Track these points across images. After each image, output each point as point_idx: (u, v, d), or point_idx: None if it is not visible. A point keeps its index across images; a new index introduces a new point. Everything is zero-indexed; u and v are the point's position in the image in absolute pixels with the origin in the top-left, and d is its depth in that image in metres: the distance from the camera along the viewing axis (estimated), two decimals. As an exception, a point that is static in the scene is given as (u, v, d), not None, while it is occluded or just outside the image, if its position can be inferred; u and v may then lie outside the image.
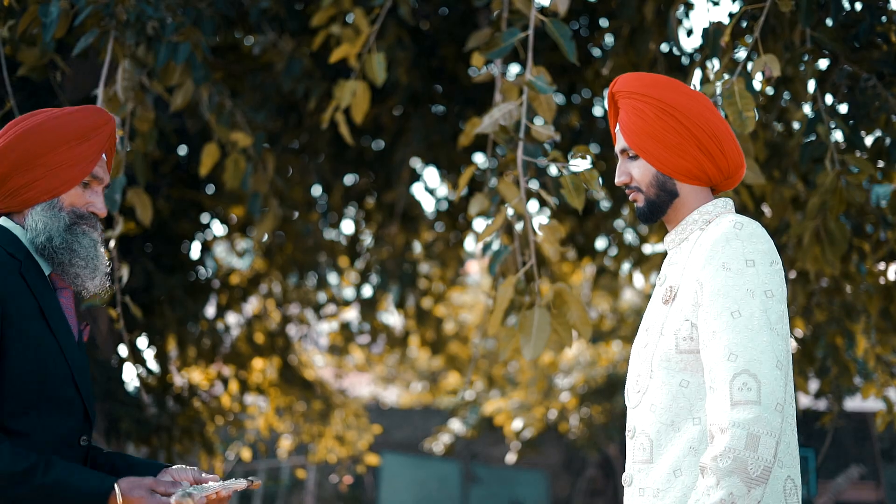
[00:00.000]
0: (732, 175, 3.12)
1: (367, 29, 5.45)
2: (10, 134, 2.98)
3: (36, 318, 2.89)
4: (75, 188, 3.01)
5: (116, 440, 6.63)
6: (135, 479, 2.86)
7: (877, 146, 5.13)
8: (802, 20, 4.62)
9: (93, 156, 3.02)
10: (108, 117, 3.08)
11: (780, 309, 2.82)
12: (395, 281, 9.33)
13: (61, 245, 2.97)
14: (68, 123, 2.99)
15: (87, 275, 3.02)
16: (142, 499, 2.82)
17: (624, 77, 3.18)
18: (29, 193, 2.97)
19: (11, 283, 2.86)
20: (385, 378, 19.88)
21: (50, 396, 2.89)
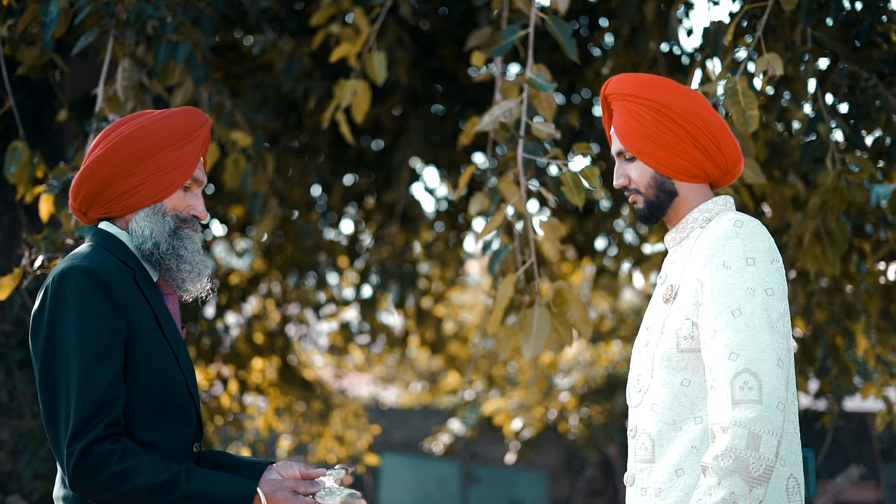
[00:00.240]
0: (731, 170, 3.11)
1: (367, 28, 5.44)
2: (110, 139, 2.95)
3: (153, 327, 2.87)
4: (177, 192, 2.98)
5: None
6: (276, 481, 2.86)
7: (877, 146, 5.13)
8: (803, 19, 4.62)
9: (193, 158, 2.99)
10: (204, 118, 3.05)
11: (780, 307, 2.82)
12: (395, 281, 9.32)
13: (168, 251, 2.94)
14: (168, 127, 2.95)
15: (193, 279, 3.00)
16: (286, 500, 2.82)
17: (616, 79, 3.17)
18: (131, 199, 2.94)
19: (131, 294, 2.84)
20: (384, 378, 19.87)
21: (170, 405, 2.88)
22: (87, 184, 2.95)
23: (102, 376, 2.72)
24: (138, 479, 2.70)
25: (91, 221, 3.04)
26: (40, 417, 5.94)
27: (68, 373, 2.71)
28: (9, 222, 6.23)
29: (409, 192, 8.65)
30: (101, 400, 2.70)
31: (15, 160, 4.97)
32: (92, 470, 2.68)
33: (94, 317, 2.74)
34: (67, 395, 2.70)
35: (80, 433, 2.68)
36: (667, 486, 2.91)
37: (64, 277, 2.77)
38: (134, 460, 2.71)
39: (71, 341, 2.72)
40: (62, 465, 2.71)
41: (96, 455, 2.68)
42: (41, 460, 5.93)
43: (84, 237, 3.00)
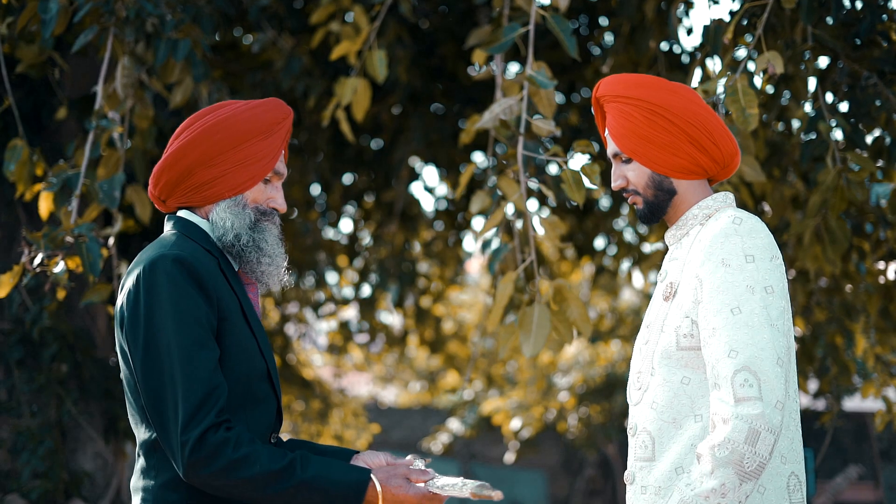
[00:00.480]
0: (728, 164, 3.10)
1: (367, 26, 5.44)
2: (194, 128, 2.93)
3: (238, 315, 2.86)
4: (258, 184, 2.96)
5: (115, 439, 6.62)
6: (389, 468, 2.85)
7: (877, 145, 5.13)
8: (804, 17, 4.62)
9: (276, 151, 2.97)
10: (288, 111, 3.03)
11: (780, 304, 2.82)
12: (394, 280, 9.32)
13: (248, 243, 2.93)
14: (252, 118, 2.93)
15: (272, 272, 3.00)
16: (399, 487, 2.80)
17: (606, 81, 3.16)
18: (213, 189, 2.92)
19: (218, 282, 2.83)
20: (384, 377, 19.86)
21: (253, 394, 2.86)
22: (168, 172, 2.93)
23: (206, 362, 2.71)
24: (255, 466, 2.69)
25: (169, 209, 3.03)
26: (39, 416, 5.97)
27: (171, 361, 2.69)
28: (8, 220, 6.24)
29: (408, 191, 8.65)
30: (208, 385, 2.69)
31: (14, 158, 4.97)
32: (208, 458, 2.66)
33: (188, 303, 2.73)
34: (173, 383, 2.68)
35: (193, 421, 2.66)
36: (667, 485, 2.91)
37: (154, 266, 2.76)
38: (250, 448, 2.70)
39: (169, 329, 2.70)
40: (175, 455, 2.69)
41: (212, 443, 2.66)
42: (40, 459, 5.93)
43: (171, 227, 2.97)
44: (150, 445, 2.82)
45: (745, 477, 2.69)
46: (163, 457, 2.79)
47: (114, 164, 5.00)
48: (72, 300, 6.13)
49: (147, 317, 2.73)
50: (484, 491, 2.74)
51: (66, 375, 6.14)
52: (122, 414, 6.55)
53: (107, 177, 4.91)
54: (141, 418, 2.84)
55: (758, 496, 2.83)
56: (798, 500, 2.89)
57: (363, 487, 2.77)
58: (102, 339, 6.62)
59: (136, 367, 2.75)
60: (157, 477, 2.81)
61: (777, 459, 2.87)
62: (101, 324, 6.59)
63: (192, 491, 2.78)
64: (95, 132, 4.79)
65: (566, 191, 4.32)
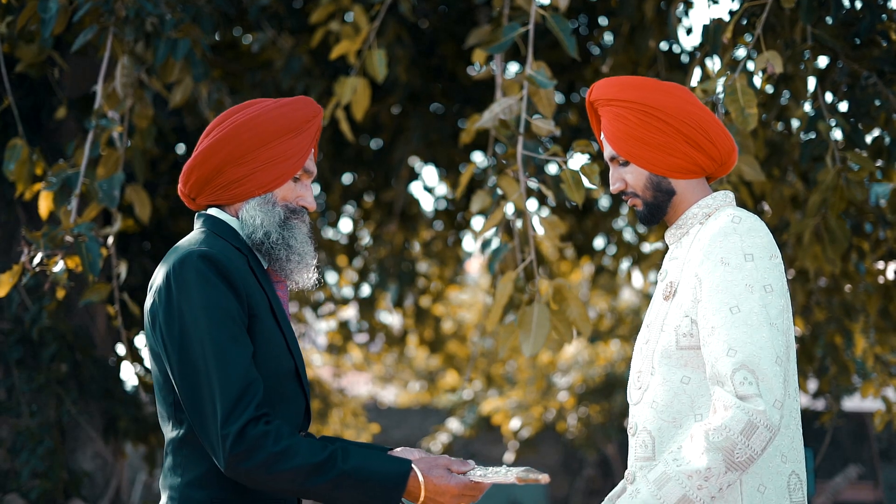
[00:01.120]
0: (726, 161, 3.10)
1: (367, 26, 5.44)
2: (224, 126, 2.93)
3: (267, 313, 2.86)
4: (288, 182, 2.96)
5: (114, 439, 6.62)
6: (430, 459, 2.83)
7: (876, 144, 5.13)
8: (803, 17, 4.62)
9: (305, 149, 2.97)
10: (317, 109, 3.03)
11: (779, 303, 2.81)
12: (394, 280, 9.32)
13: (278, 241, 2.93)
14: (282, 116, 2.94)
15: (301, 269, 2.99)
16: (441, 477, 2.79)
17: (599, 85, 3.15)
18: (242, 188, 2.93)
19: (248, 279, 2.83)
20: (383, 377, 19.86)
21: (281, 393, 2.86)
22: (198, 170, 2.94)
23: (240, 357, 2.72)
24: (296, 459, 2.68)
25: (199, 207, 3.03)
26: (38, 416, 5.97)
27: (205, 356, 2.69)
28: (8, 220, 6.24)
29: (407, 191, 8.65)
30: (245, 379, 2.69)
31: (14, 157, 4.97)
32: (249, 451, 2.65)
33: (219, 299, 2.73)
34: (209, 378, 2.68)
35: (232, 415, 2.65)
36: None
37: (183, 263, 2.76)
38: (290, 441, 2.69)
39: (202, 325, 2.70)
40: (215, 450, 2.68)
41: (252, 436, 2.65)
42: (39, 459, 5.93)
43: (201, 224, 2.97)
44: (177, 444, 2.82)
45: (731, 466, 2.70)
46: (189, 455, 2.80)
47: (113, 164, 5.00)
48: (71, 300, 6.13)
49: (179, 314, 2.73)
50: (530, 475, 2.75)
51: (65, 375, 6.14)
52: (122, 414, 6.55)
53: (106, 176, 4.91)
54: (169, 416, 2.85)
55: (758, 495, 2.83)
56: (799, 499, 2.89)
57: (405, 478, 2.76)
58: (102, 338, 6.63)
59: (171, 364, 2.75)
60: (184, 475, 2.81)
61: (778, 458, 2.86)
62: (100, 323, 6.60)
63: (218, 489, 2.79)
64: (95, 131, 4.79)
65: (565, 191, 4.32)
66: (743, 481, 2.82)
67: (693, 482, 2.72)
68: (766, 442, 2.71)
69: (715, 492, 2.74)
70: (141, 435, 6.87)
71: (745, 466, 2.72)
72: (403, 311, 10.05)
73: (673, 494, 2.74)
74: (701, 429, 2.73)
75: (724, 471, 2.70)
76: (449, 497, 2.79)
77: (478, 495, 2.84)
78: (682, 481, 2.73)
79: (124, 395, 6.69)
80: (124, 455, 6.77)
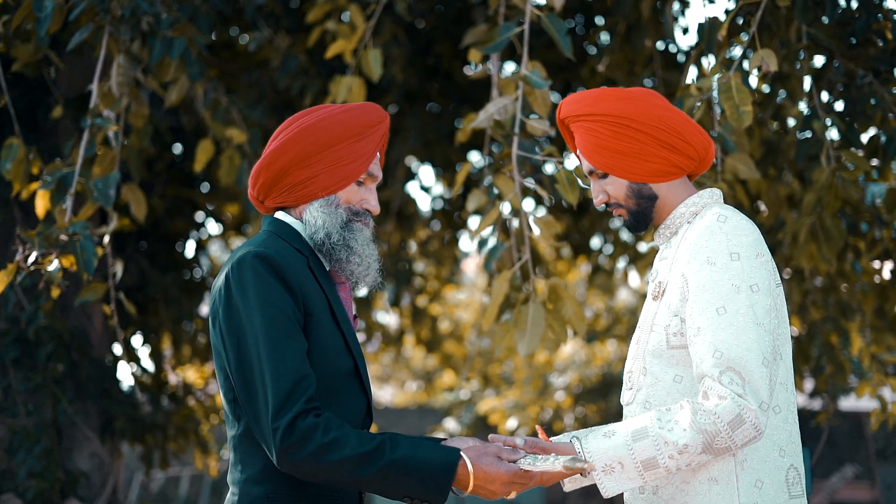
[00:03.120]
0: (704, 157, 3.10)
1: (363, 25, 5.44)
2: (291, 129, 3.00)
3: (326, 313, 2.90)
4: (351, 185, 3.01)
5: (111, 438, 6.62)
6: (479, 447, 2.85)
7: (872, 144, 5.13)
8: (798, 16, 4.62)
9: (370, 153, 3.03)
10: (383, 115, 3.09)
11: (766, 302, 2.81)
12: (391, 279, 9.32)
13: (339, 242, 2.97)
14: (348, 120, 3.00)
15: (363, 271, 3.03)
16: (490, 465, 2.80)
17: (567, 102, 3.16)
18: (307, 189, 2.98)
19: (305, 279, 2.87)
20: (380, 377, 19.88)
21: (340, 391, 2.90)
22: (266, 172, 3.01)
23: (293, 353, 2.76)
24: (345, 449, 2.71)
25: (268, 210, 3.09)
26: (35, 416, 5.97)
27: (259, 353, 2.75)
28: (4, 219, 6.23)
29: (404, 191, 8.65)
30: (297, 374, 2.74)
31: (10, 157, 4.97)
32: (299, 443, 2.69)
33: (274, 296, 2.79)
34: (262, 374, 2.74)
35: (283, 409, 2.70)
36: (664, 484, 2.92)
37: (242, 263, 2.83)
38: (339, 432, 2.72)
39: (256, 322, 2.76)
40: (267, 443, 2.73)
41: (301, 429, 2.69)
42: (36, 459, 5.92)
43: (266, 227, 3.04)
44: (237, 440, 2.88)
45: (708, 450, 2.73)
46: (247, 451, 2.86)
47: (109, 163, 4.99)
48: (68, 299, 6.13)
49: (236, 311, 2.80)
50: (576, 464, 2.76)
51: (62, 375, 6.14)
52: (118, 413, 6.55)
53: (102, 175, 4.91)
54: (229, 413, 2.91)
55: (755, 491, 2.83)
56: (798, 493, 2.90)
57: (454, 466, 2.77)
58: (99, 338, 6.63)
59: (229, 360, 2.82)
60: (243, 471, 2.87)
61: (776, 452, 2.87)
62: (97, 323, 6.59)
63: (275, 483, 2.83)
64: (90, 131, 4.79)
65: (560, 191, 4.32)
66: (739, 477, 2.83)
67: (666, 450, 2.75)
68: (749, 440, 2.73)
69: (683, 466, 2.77)
70: (138, 435, 6.87)
71: (720, 454, 2.75)
72: (400, 311, 10.05)
73: (644, 452, 2.77)
74: (691, 407, 2.75)
75: (699, 451, 2.74)
76: (499, 485, 2.81)
77: (527, 483, 2.85)
78: (658, 445, 2.76)
79: (121, 395, 6.69)
80: (121, 455, 6.77)
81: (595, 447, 2.83)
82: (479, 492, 2.82)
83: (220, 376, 2.90)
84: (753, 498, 2.83)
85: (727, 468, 2.84)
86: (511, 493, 2.85)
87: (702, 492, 2.86)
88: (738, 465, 2.84)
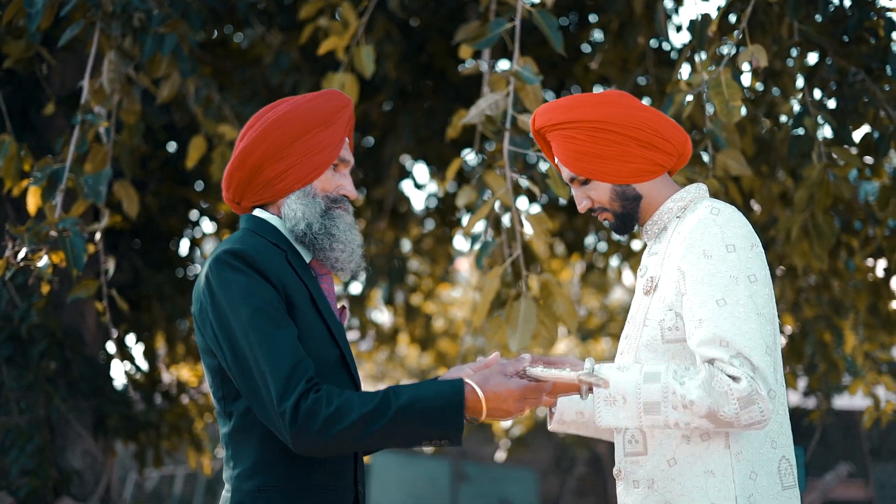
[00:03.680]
0: (683, 152, 3.12)
1: (356, 21, 5.44)
2: (258, 126, 3.01)
3: (307, 305, 2.91)
4: (325, 173, 3.03)
5: (104, 437, 6.61)
6: (483, 371, 2.83)
7: (865, 141, 5.13)
8: (790, 12, 4.62)
9: (339, 139, 3.04)
10: (347, 99, 3.10)
11: (765, 292, 2.83)
12: (384, 277, 9.32)
13: (321, 231, 2.99)
14: (312, 109, 3.01)
15: (347, 257, 3.04)
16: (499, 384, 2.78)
17: (540, 113, 3.17)
18: (282, 183, 2.99)
19: (284, 273, 2.88)
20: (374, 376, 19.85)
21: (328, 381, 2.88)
22: (238, 172, 3.02)
23: (285, 338, 2.77)
24: (352, 413, 2.70)
25: (245, 211, 3.10)
26: (27, 413, 5.95)
27: (251, 344, 2.75)
28: (-5, 216, 6.22)
29: (398, 189, 8.64)
30: (293, 357, 2.74)
31: (2, 153, 4.96)
32: (306, 422, 2.69)
33: (256, 288, 2.80)
34: (258, 365, 2.74)
35: (285, 393, 2.70)
36: (660, 477, 2.93)
37: (219, 261, 2.84)
38: (340, 399, 2.72)
39: (244, 316, 2.77)
40: (279, 430, 2.73)
41: (305, 408, 2.69)
42: (28, 457, 5.91)
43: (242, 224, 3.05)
44: (228, 437, 2.90)
45: (710, 417, 2.72)
46: (237, 447, 2.87)
47: (101, 160, 4.99)
48: (61, 297, 6.12)
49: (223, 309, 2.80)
50: (591, 378, 2.75)
51: (54, 373, 6.13)
52: (112, 411, 6.54)
53: (93, 172, 4.90)
54: (219, 412, 2.92)
55: (750, 482, 2.85)
56: (790, 484, 2.91)
57: (461, 395, 2.75)
58: (92, 336, 6.61)
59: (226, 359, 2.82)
60: (235, 467, 2.88)
61: (768, 444, 2.89)
62: (90, 321, 6.58)
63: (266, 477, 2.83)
64: (82, 127, 4.78)
65: (552, 186, 4.32)
66: (735, 469, 2.84)
67: (672, 400, 2.75)
68: (754, 423, 2.72)
69: (682, 424, 2.76)
70: (131, 433, 6.86)
71: (719, 426, 2.74)
72: (394, 309, 10.04)
73: (650, 395, 2.77)
74: (709, 370, 2.74)
75: (702, 413, 2.72)
76: (512, 402, 2.79)
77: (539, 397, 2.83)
78: (667, 392, 2.76)
79: (114, 393, 6.68)
80: (114, 453, 6.76)
81: (606, 374, 2.83)
82: (494, 414, 2.78)
83: (209, 376, 2.91)
84: (749, 490, 2.84)
85: (723, 460, 2.85)
86: (525, 409, 2.81)
87: (698, 484, 2.86)
88: (733, 457, 2.85)
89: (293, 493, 2.84)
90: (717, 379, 2.72)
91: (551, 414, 3.30)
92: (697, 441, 2.86)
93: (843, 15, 4.96)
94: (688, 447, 2.88)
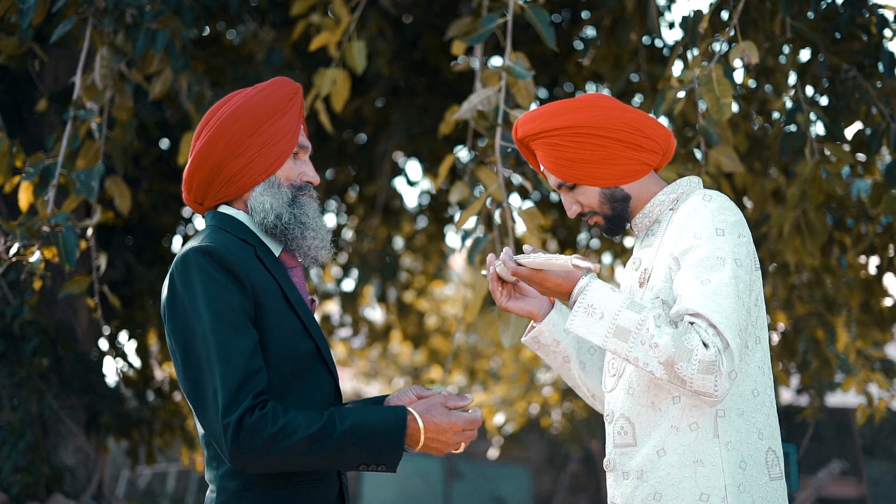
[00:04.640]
0: (667, 150, 3.13)
1: (348, 17, 5.43)
2: (212, 123, 2.98)
3: (279, 299, 2.88)
4: (287, 162, 3.01)
5: (97, 434, 6.60)
6: (427, 401, 2.85)
7: (857, 138, 5.14)
8: (783, 8, 4.63)
9: (294, 126, 3.02)
10: (296, 86, 3.08)
11: (747, 278, 2.86)
12: (377, 274, 9.32)
13: (291, 221, 2.97)
14: (265, 99, 2.98)
15: (319, 244, 3.02)
16: (441, 415, 2.80)
17: (522, 122, 3.16)
18: (244, 178, 2.96)
19: (254, 269, 2.86)
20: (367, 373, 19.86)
21: (304, 375, 2.88)
22: (198, 173, 2.98)
23: (242, 348, 2.73)
24: (295, 433, 2.69)
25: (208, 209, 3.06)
26: (20, 410, 5.95)
27: (207, 350, 2.72)
28: (-13, 213, 6.21)
29: (391, 186, 8.64)
30: (245, 370, 2.71)
31: (-7, 150, 4.95)
32: (248, 439, 2.67)
33: (221, 292, 2.76)
34: (211, 371, 2.71)
35: (231, 406, 2.68)
36: (650, 468, 2.93)
37: (186, 260, 2.80)
38: (285, 418, 2.71)
39: (204, 319, 2.73)
40: (218, 442, 2.71)
41: (249, 424, 2.67)
42: (21, 453, 5.91)
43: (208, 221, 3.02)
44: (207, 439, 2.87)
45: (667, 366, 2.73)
46: None
47: (93, 156, 4.98)
48: (53, 294, 6.11)
49: (183, 310, 2.77)
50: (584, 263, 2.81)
51: (47, 369, 6.12)
52: (104, 408, 6.53)
53: (86, 168, 4.89)
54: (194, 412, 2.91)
55: (740, 472, 2.86)
56: (777, 475, 2.93)
57: (402, 423, 2.77)
58: (84, 333, 6.61)
59: (177, 359, 2.79)
60: (218, 467, 2.86)
61: (755, 435, 2.91)
62: (82, 318, 6.58)
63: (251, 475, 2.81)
64: (73, 123, 4.77)
65: (544, 182, 4.32)
66: (724, 458, 2.86)
67: (643, 335, 2.76)
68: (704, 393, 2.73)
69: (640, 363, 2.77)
70: (123, 430, 6.86)
71: (671, 378, 2.74)
72: (387, 306, 10.04)
73: (626, 321, 2.78)
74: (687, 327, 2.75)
75: (662, 359, 2.73)
76: (451, 434, 2.81)
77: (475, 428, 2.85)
78: (641, 327, 2.77)
79: (107, 390, 6.67)
80: (107, 450, 6.75)
81: (597, 284, 2.86)
82: (430, 445, 2.81)
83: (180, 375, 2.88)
84: (739, 479, 2.85)
85: (712, 450, 2.86)
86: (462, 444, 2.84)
87: (688, 475, 2.87)
88: (722, 447, 2.86)
89: (279, 489, 2.83)
90: (689, 336, 2.73)
91: (531, 328, 3.28)
92: (686, 431, 2.87)
93: (836, 11, 4.97)
94: (677, 437, 2.89)
